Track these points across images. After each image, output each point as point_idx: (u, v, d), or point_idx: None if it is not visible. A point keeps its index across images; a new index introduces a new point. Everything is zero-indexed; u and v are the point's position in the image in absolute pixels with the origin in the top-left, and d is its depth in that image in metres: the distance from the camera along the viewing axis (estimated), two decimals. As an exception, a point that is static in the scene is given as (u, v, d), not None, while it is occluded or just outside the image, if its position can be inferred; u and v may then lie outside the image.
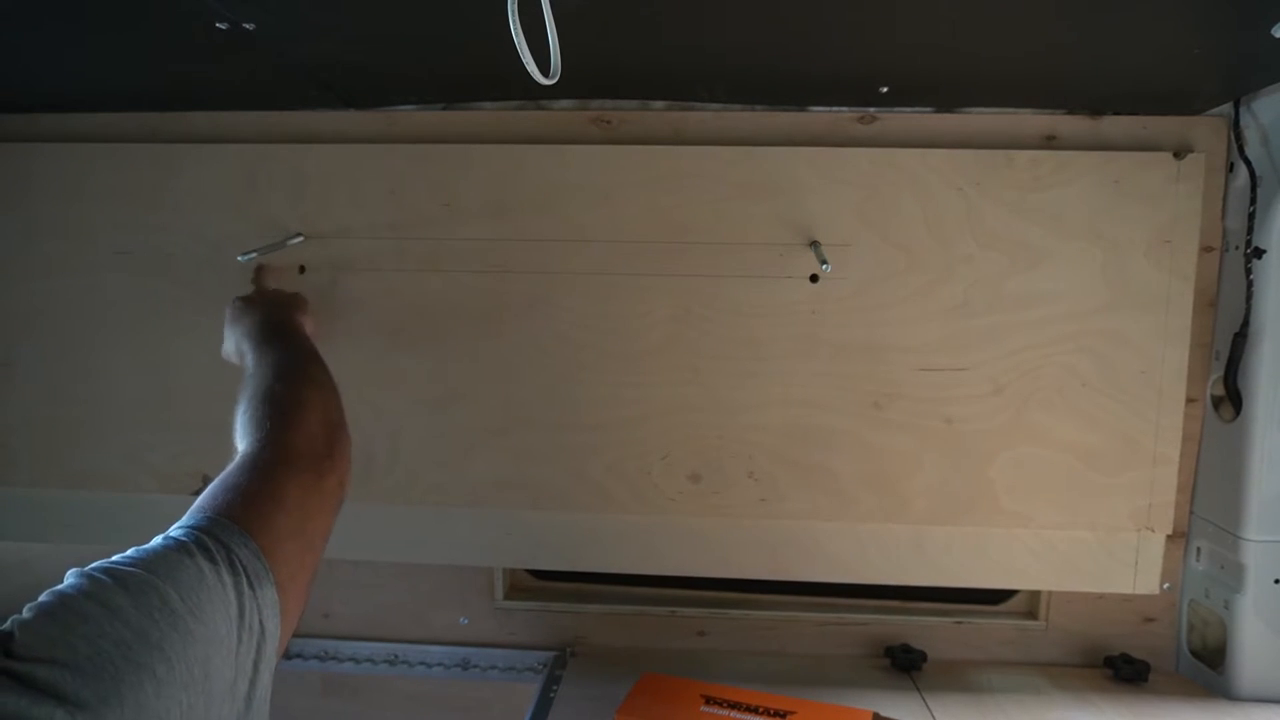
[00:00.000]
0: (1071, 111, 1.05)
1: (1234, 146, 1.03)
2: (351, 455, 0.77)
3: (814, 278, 1.06)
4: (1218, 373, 1.07)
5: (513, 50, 0.59)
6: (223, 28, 0.79)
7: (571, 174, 1.07)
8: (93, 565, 0.50)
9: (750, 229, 1.06)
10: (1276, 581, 1.04)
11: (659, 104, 1.09)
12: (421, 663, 1.26)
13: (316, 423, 0.74)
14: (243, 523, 0.58)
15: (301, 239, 1.09)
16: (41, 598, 0.47)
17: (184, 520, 0.58)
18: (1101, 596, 1.16)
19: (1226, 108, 1.03)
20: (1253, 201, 1.01)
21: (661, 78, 1.01)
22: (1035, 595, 1.22)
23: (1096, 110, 1.05)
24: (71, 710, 0.41)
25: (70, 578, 0.49)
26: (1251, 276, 1.01)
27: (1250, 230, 1.01)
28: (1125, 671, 1.13)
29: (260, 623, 0.54)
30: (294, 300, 1.01)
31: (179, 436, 1.14)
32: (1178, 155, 1.02)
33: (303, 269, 1.10)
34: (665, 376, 1.09)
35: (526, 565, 1.27)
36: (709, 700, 1.01)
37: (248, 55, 0.89)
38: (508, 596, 1.26)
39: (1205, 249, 1.06)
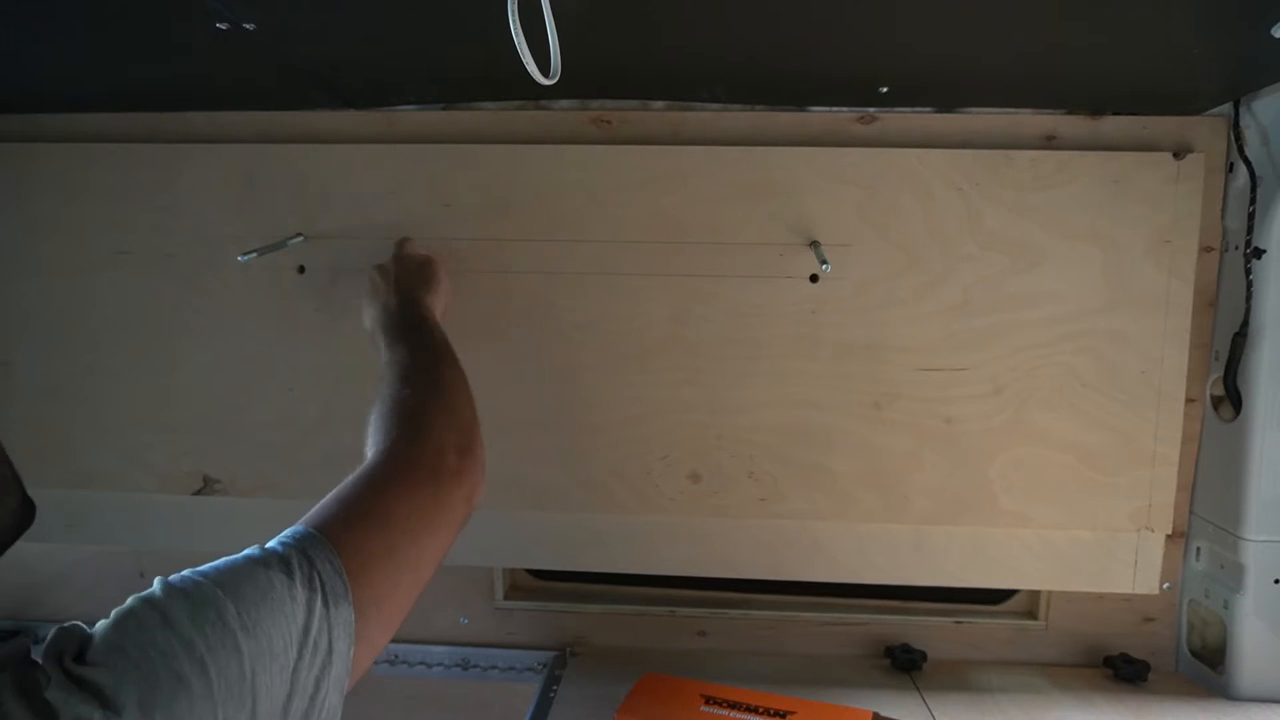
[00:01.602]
0: (1071, 111, 1.05)
1: (1234, 147, 1.03)
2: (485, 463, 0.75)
3: (814, 278, 1.06)
4: (1217, 373, 1.07)
5: (513, 50, 0.59)
6: (223, 28, 0.79)
7: (571, 174, 1.07)
8: (179, 573, 0.52)
9: (750, 229, 1.06)
10: (1276, 581, 1.04)
11: (659, 104, 1.09)
12: (421, 663, 1.26)
13: (445, 429, 0.73)
14: (334, 538, 0.58)
15: (302, 239, 1.09)
16: (128, 601, 0.50)
17: (289, 529, 0.59)
18: (1101, 596, 1.16)
19: (1226, 108, 1.03)
20: (1252, 202, 1.01)
21: (661, 78, 1.01)
22: (1035, 595, 1.22)
23: (1096, 110, 1.05)
24: (108, 715, 0.43)
25: (155, 583, 0.51)
26: (1251, 277, 1.01)
27: (1250, 230, 1.01)
28: (1125, 671, 1.13)
29: (330, 642, 0.54)
30: (424, 275, 0.97)
31: (179, 436, 1.14)
32: (1177, 155, 1.02)
33: (302, 269, 1.10)
34: (665, 376, 1.09)
35: (526, 565, 1.27)
36: (709, 700, 1.01)
37: (248, 55, 0.89)
38: (508, 596, 1.26)
39: (1205, 249, 1.05)
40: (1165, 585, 1.12)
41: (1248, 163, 1.02)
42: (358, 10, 0.78)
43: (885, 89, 1.00)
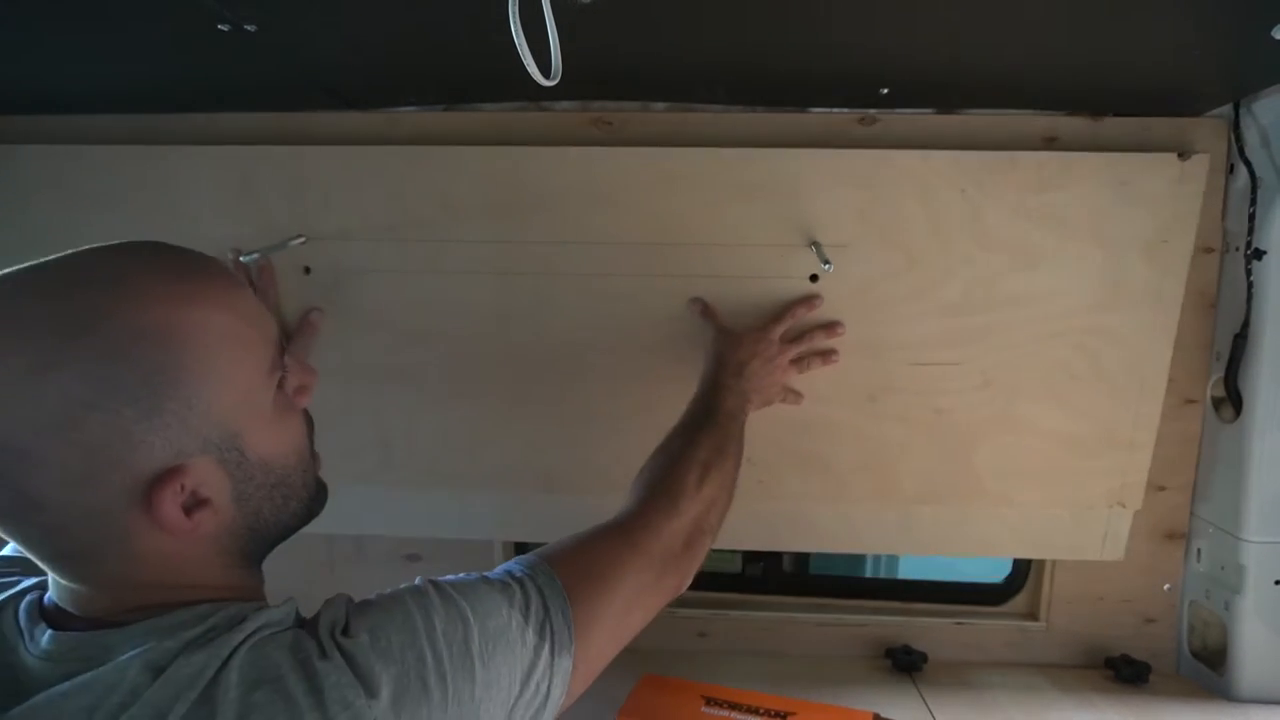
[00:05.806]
0: (1072, 113, 1.05)
1: (1234, 148, 1.03)
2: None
3: (814, 278, 1.07)
4: (1218, 374, 1.07)
5: (513, 51, 0.59)
6: (224, 30, 0.79)
7: (572, 175, 1.07)
8: (445, 579, 0.58)
9: (751, 230, 1.06)
10: (1277, 583, 1.04)
11: (660, 105, 1.09)
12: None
13: (691, 521, 0.78)
14: (570, 589, 0.63)
15: (303, 240, 1.08)
16: (403, 590, 0.56)
17: (535, 554, 0.65)
18: (1102, 598, 1.16)
19: (1227, 109, 1.03)
20: (1253, 203, 1.01)
21: (662, 78, 1.01)
22: (1036, 596, 1.22)
23: (1097, 111, 1.05)
24: (367, 699, 0.48)
25: (428, 585, 0.57)
26: (1251, 278, 1.01)
27: (1250, 232, 1.01)
28: (1126, 673, 1.13)
29: (548, 689, 0.59)
30: (769, 398, 1.01)
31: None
32: (1182, 156, 1.02)
33: (308, 270, 1.10)
34: (667, 377, 1.09)
35: (526, 540, 1.28)
36: (709, 701, 1.01)
37: (249, 57, 0.89)
38: (508, 597, 1.26)
39: (1205, 250, 1.06)
40: (1166, 586, 1.12)
41: (1248, 164, 1.02)
42: (359, 11, 0.78)
43: (886, 90, 1.00)
